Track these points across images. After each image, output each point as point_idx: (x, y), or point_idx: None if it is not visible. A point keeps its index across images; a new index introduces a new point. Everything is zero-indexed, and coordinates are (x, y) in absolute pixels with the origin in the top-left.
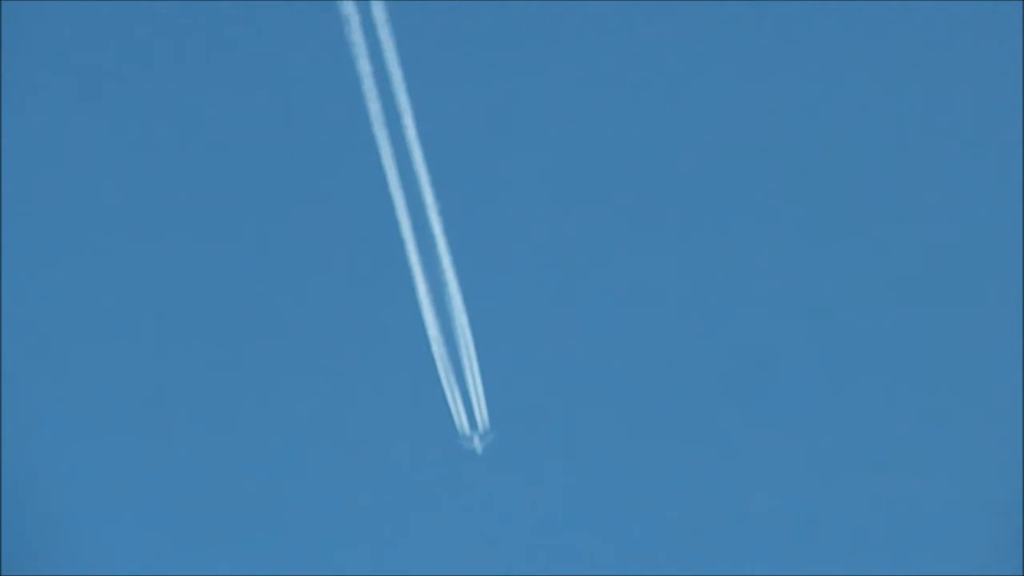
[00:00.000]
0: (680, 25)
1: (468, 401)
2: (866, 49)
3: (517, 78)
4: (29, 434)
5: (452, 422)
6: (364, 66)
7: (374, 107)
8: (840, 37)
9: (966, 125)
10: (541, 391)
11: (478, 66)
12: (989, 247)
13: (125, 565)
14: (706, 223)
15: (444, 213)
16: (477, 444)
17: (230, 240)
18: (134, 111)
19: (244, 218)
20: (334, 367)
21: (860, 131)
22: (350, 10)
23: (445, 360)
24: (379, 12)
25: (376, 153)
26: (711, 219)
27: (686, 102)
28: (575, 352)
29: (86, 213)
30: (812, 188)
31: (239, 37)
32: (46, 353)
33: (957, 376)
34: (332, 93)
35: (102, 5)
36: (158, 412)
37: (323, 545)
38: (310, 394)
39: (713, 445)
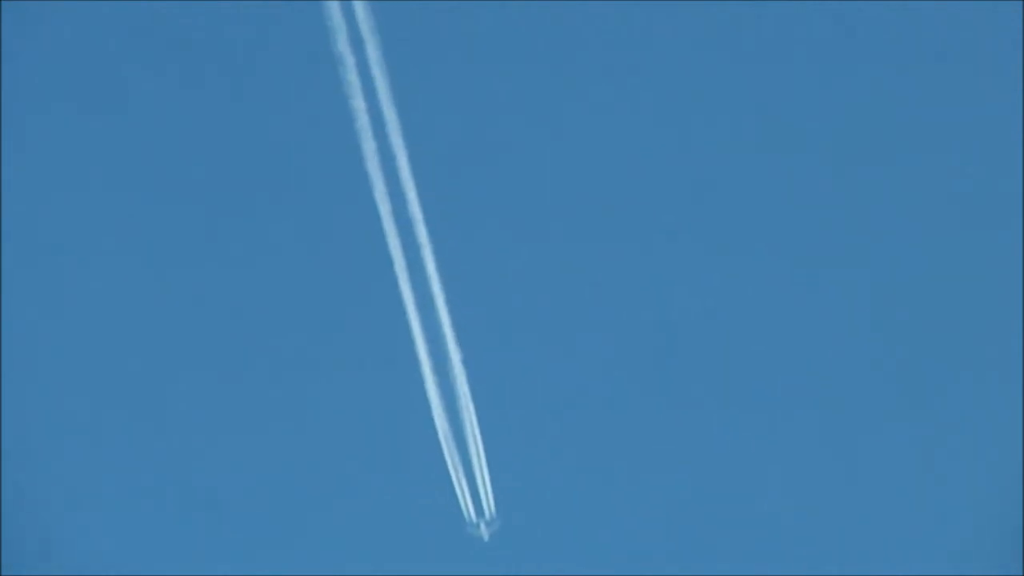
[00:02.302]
0: (676, 34)
1: (475, 489)
2: (865, 51)
3: (513, 117)
4: (29, 435)
5: (459, 509)
6: (358, 104)
7: (368, 146)
8: (840, 38)
9: (966, 126)
10: (547, 478)
11: (474, 105)
12: (989, 247)
13: (125, 565)
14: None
15: (450, 300)
16: (483, 531)
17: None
18: (135, 128)
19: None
20: (341, 455)
21: (858, 132)
22: (344, 49)
23: (452, 448)
24: (373, 51)
25: (373, 205)
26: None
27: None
28: (583, 442)
29: (84, 215)
30: (806, 189)
31: (235, 75)
32: (46, 356)
33: (957, 377)
34: (326, 131)
35: (101, 8)
36: (158, 417)
37: None
38: (317, 479)
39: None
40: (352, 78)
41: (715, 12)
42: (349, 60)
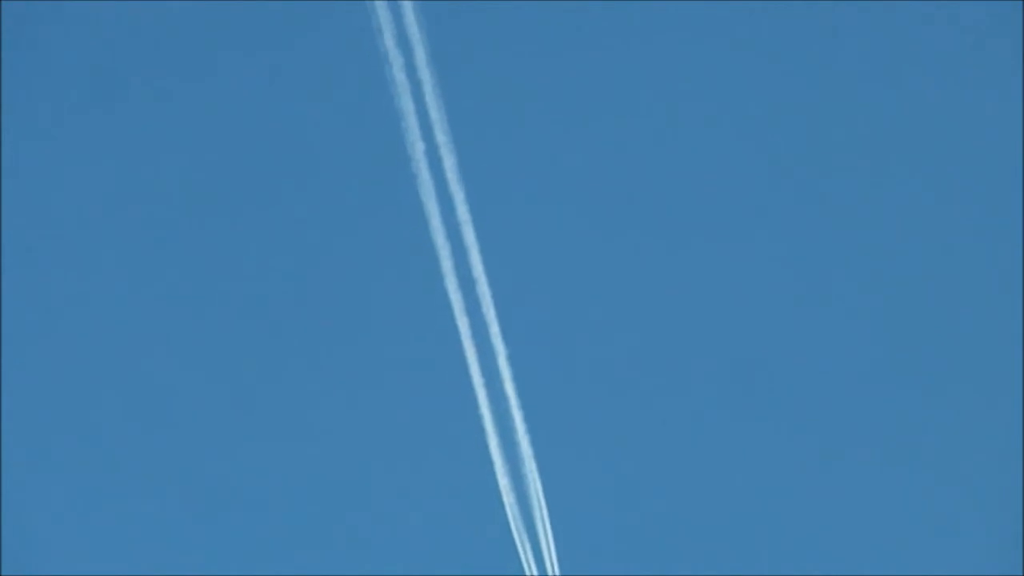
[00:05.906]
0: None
1: (539, 556)
2: (865, 51)
3: (565, 115)
4: (30, 435)
5: None
6: (407, 104)
7: (417, 147)
8: (841, 38)
9: (965, 126)
10: (613, 545)
11: (526, 106)
12: (990, 246)
13: (127, 566)
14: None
15: (499, 310)
16: None
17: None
18: (166, 128)
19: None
20: (402, 521)
21: (859, 132)
22: (391, 47)
23: (516, 514)
24: (420, 50)
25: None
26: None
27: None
28: (648, 505)
29: (89, 218)
30: (825, 185)
31: (275, 72)
32: (50, 358)
33: (957, 375)
34: (381, 164)
35: (103, 9)
36: (164, 423)
37: None
38: (375, 549)
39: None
40: (400, 77)
41: (722, 13)
42: (396, 59)
